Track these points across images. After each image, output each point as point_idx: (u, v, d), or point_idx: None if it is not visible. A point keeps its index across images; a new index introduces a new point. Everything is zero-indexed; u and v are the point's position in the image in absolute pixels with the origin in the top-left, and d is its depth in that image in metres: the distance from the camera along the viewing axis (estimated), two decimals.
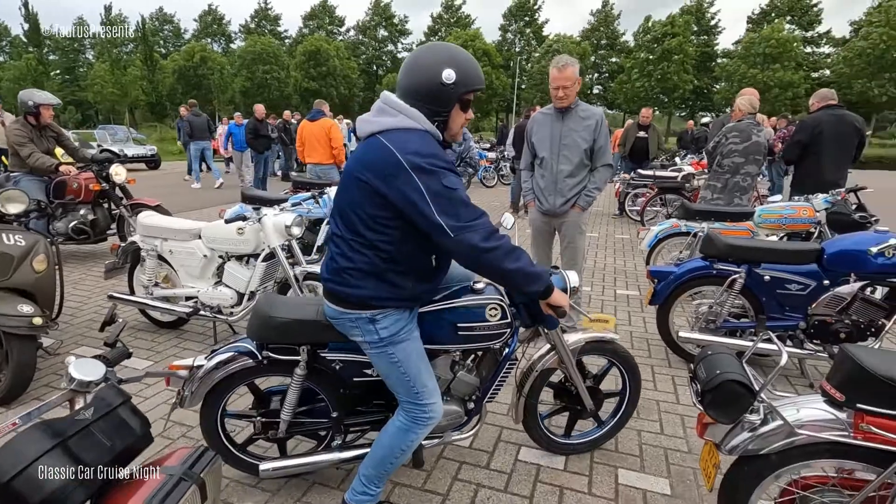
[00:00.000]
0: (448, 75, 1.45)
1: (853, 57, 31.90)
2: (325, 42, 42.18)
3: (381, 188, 1.43)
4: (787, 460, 1.46)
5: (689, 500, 2.00)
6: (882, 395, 1.30)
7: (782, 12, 38.75)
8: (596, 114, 3.09)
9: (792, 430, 1.39)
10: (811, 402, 1.46)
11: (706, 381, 1.45)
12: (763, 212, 4.02)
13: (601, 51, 45.51)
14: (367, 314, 1.57)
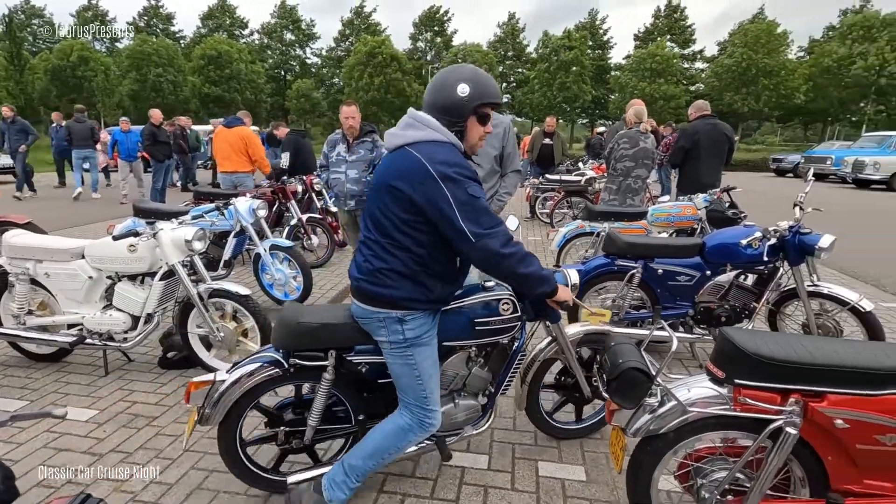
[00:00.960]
0: (462, 89, 1.62)
1: (721, 72, 36.35)
2: (226, 44, 39.85)
3: (413, 195, 1.56)
4: (682, 436, 1.61)
5: (602, 483, 2.13)
6: (753, 369, 1.48)
7: (664, 32, 43.13)
8: (503, 122, 3.21)
9: (684, 408, 1.54)
10: (699, 381, 1.62)
11: (610, 370, 1.56)
12: (654, 211, 4.43)
13: (508, 61, 47.58)
14: (397, 314, 1.66)
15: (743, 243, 2.85)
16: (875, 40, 32.44)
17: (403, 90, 40.60)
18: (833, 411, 1.44)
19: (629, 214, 4.46)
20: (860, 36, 33.29)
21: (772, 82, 34.67)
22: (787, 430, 1.44)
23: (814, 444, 1.50)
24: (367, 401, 1.95)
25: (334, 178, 4.23)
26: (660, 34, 42.87)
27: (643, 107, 4.72)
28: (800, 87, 34.94)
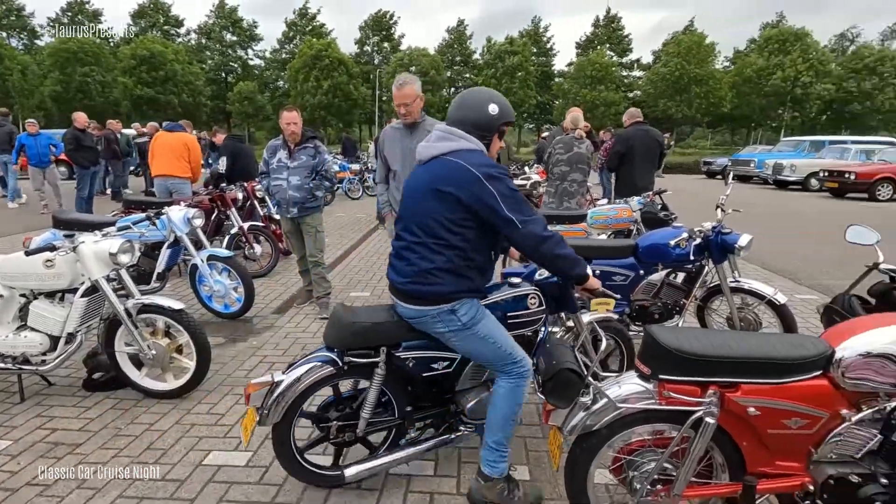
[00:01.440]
0: (493, 109, 1.87)
1: (656, 80, 38.43)
2: (160, 44, 37.84)
3: (460, 195, 1.75)
4: (615, 431, 1.68)
5: (544, 481, 2.18)
6: (675, 365, 1.57)
7: (603, 41, 45.07)
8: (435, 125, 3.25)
9: (615, 405, 1.61)
10: (628, 378, 1.70)
11: (545, 371, 1.61)
12: (594, 214, 4.61)
13: (456, 66, 48.10)
14: (447, 307, 1.82)
15: (672, 244, 3.02)
16: (789, 53, 35.36)
17: (351, 94, 40.10)
18: (746, 400, 1.55)
19: (570, 217, 4.61)
20: (776, 49, 36.17)
21: (702, 90, 37.04)
22: (707, 420, 1.54)
23: (731, 431, 1.61)
24: (412, 393, 2.07)
25: (275, 185, 4.12)
26: (599, 43, 44.77)
27: (579, 113, 4.91)
28: (726, 95, 37.52)
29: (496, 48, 40.91)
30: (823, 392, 1.55)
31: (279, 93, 46.57)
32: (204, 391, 2.94)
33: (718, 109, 38.61)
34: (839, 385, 1.55)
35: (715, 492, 1.67)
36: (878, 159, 13.79)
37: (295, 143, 4.08)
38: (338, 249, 6.83)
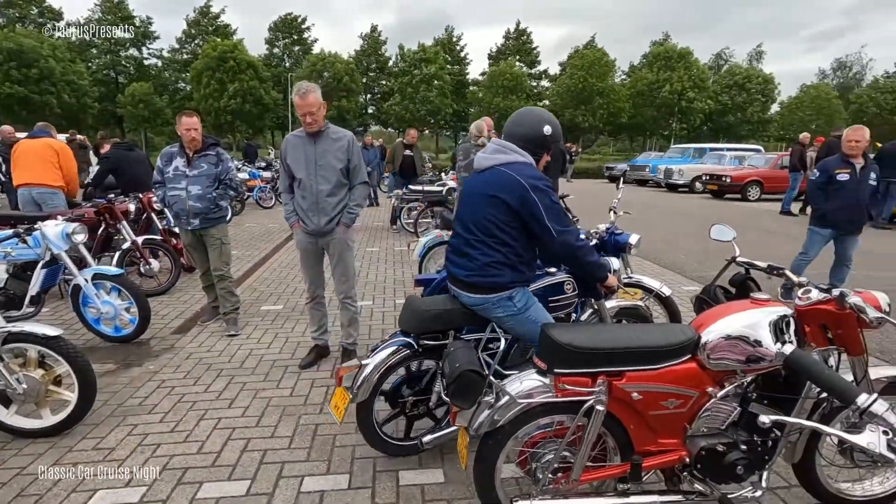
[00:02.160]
0: (547, 129, 2.13)
1: (563, 91, 40.87)
2: (32, 38, 33.60)
3: (510, 201, 2.01)
4: (518, 426, 1.76)
5: (459, 481, 2.23)
6: (568, 359, 1.68)
7: (513, 52, 47.13)
8: (346, 135, 3.24)
9: (516, 401, 1.70)
10: (528, 375, 1.79)
11: (449, 374, 1.65)
12: None
13: (372, 73, 47.80)
14: (505, 294, 2.11)
15: None
16: (675, 69, 39.30)
17: (262, 98, 38.37)
18: (630, 386, 1.71)
19: None
20: (664, 65, 40.03)
21: (603, 101, 39.99)
22: (597, 408, 1.67)
23: (619, 415, 1.76)
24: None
25: (173, 196, 3.85)
26: (510, 54, 46.77)
27: (483, 121, 5.11)
28: (624, 106, 40.82)
29: (410, 56, 41.19)
30: (693, 373, 1.75)
31: (180, 95, 43.38)
32: (89, 425, 2.66)
33: (618, 119, 41.90)
34: (705, 366, 1.75)
35: (608, 473, 1.81)
36: (747, 164, 15.72)
37: (194, 151, 3.84)
38: (247, 262, 6.50)
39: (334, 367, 3.39)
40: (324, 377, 3.28)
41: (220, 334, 4.00)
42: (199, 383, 3.18)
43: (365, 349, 3.70)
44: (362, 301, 4.84)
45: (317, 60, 40.21)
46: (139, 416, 2.77)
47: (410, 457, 2.41)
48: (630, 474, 1.77)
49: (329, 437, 2.57)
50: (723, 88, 41.46)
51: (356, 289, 3.65)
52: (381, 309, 4.66)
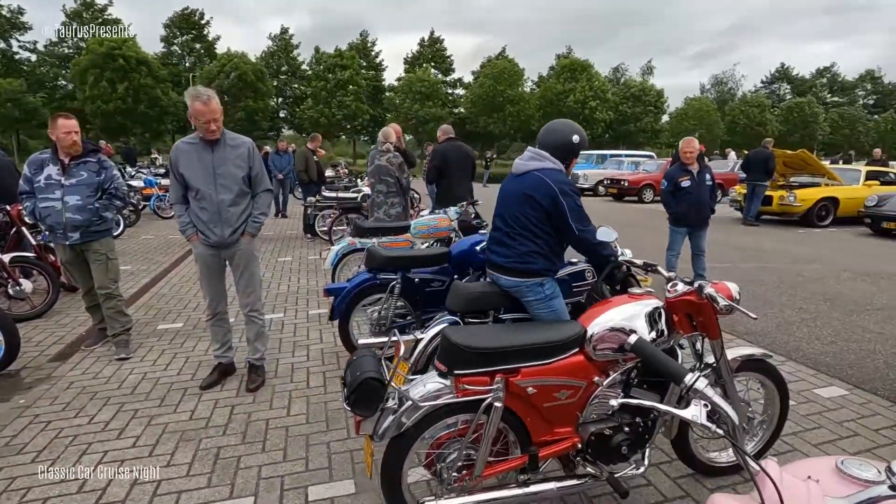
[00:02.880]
0: (575, 139, 2.47)
1: (476, 99, 42.10)
2: None
3: (542, 201, 2.35)
4: (422, 429, 1.80)
5: (371, 490, 2.22)
6: (468, 360, 1.75)
7: (428, 59, 47.74)
8: (246, 142, 3.11)
9: (418, 405, 1.73)
10: (430, 378, 1.84)
11: (349, 383, 1.65)
12: (416, 224, 4.84)
13: (283, 76, 46.05)
14: (538, 280, 2.44)
15: (478, 249, 3.35)
16: (578, 80, 42.03)
17: (158, 99, 35.44)
18: (525, 381, 1.81)
19: (394, 229, 4.78)
20: (568, 76, 42.66)
21: (515, 109, 41.72)
22: (495, 404, 1.75)
23: (517, 410, 1.86)
24: None
25: (45, 207, 3.45)
26: (425, 61, 47.33)
27: (390, 128, 5.14)
28: (534, 114, 42.87)
29: (326, 60, 40.24)
30: (581, 365, 1.89)
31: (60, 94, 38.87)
32: None
33: (529, 126, 43.91)
34: (592, 357, 1.90)
35: (508, 466, 1.90)
36: (643, 169, 17.21)
37: (71, 158, 3.47)
38: (143, 277, 5.97)
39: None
40: (228, 396, 3.11)
41: (109, 359, 3.64)
42: (82, 415, 2.87)
43: (275, 364, 3.56)
44: (272, 314, 4.65)
45: (224, 60, 37.93)
46: (4, 459, 2.45)
47: (320, 470, 2.36)
48: (529, 465, 1.88)
49: (232, 460, 2.45)
50: (621, 100, 45.04)
51: (263, 301, 3.50)
52: (293, 321, 4.51)
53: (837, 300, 5.16)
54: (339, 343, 3.87)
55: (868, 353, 3.80)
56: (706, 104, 47.18)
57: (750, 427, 2.32)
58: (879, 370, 3.49)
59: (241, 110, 37.84)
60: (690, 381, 1.18)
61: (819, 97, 52.36)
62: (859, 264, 6.83)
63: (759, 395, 2.40)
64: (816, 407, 2.99)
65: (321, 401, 3.04)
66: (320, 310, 4.80)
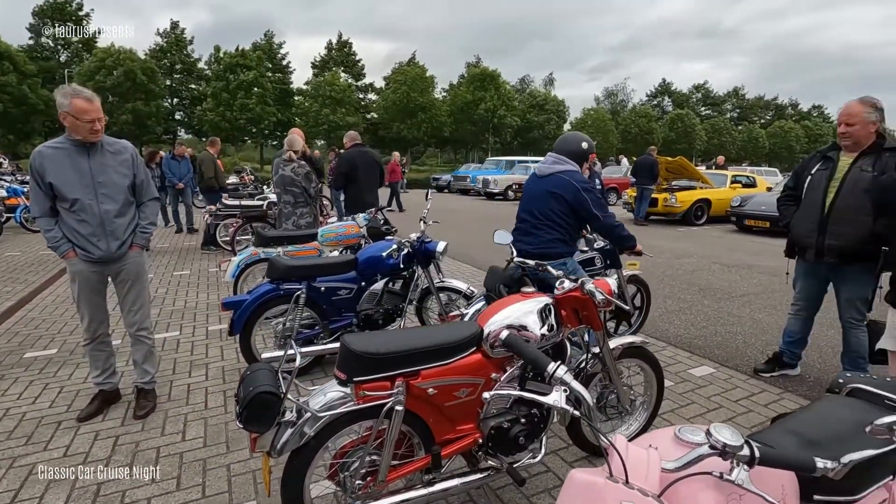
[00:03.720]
0: (584, 145, 3.07)
1: (388, 105, 42.05)
2: None
3: (566, 197, 2.93)
4: (323, 440, 1.77)
5: None
6: (367, 366, 1.75)
7: (338, 63, 46.84)
8: (128, 148, 2.86)
9: (317, 415, 1.71)
10: (330, 387, 1.82)
11: (243, 398, 1.59)
12: (324, 232, 4.74)
13: (177, 75, 42.72)
14: (561, 261, 2.92)
15: (384, 255, 3.36)
16: (487, 89, 43.59)
17: (26, 97, 31.23)
18: (426, 383, 1.85)
19: (300, 237, 4.64)
20: (478, 85, 44.09)
21: (427, 116, 42.26)
22: (396, 408, 1.77)
23: (419, 412, 1.89)
24: None
25: None
26: (335, 65, 46.39)
27: (295, 135, 5.00)
28: (446, 121, 43.74)
29: (227, 60, 37.86)
30: (479, 363, 1.98)
31: None
32: None
33: (441, 133, 44.72)
34: (489, 355, 2.00)
35: (412, 468, 1.93)
36: None
37: None
38: (7, 299, 5.22)
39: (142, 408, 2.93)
40: (112, 426, 2.82)
41: None
42: None
43: (168, 386, 3.30)
44: (166, 332, 4.30)
45: (103, 55, 34.29)
46: None
47: (218, 495, 2.23)
48: (432, 464, 1.92)
49: (115, 496, 2.23)
50: (527, 108, 47.44)
51: (153, 318, 3.23)
52: (191, 339, 4.20)
53: (708, 290, 5.86)
54: (242, 359, 3.67)
55: (731, 334, 4.36)
56: (602, 114, 51.14)
57: (633, 408, 2.57)
58: (739, 349, 4.02)
59: (129, 112, 34.48)
60: (552, 369, 1.30)
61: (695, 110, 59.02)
62: (727, 257, 7.81)
63: (639, 379, 2.66)
64: (690, 385, 3.37)
65: (221, 422, 2.87)
66: (221, 325, 4.51)
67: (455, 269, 6.81)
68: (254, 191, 9.81)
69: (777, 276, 6.44)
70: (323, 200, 10.83)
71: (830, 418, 1.28)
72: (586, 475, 0.94)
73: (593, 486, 0.90)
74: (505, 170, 20.99)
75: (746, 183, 13.04)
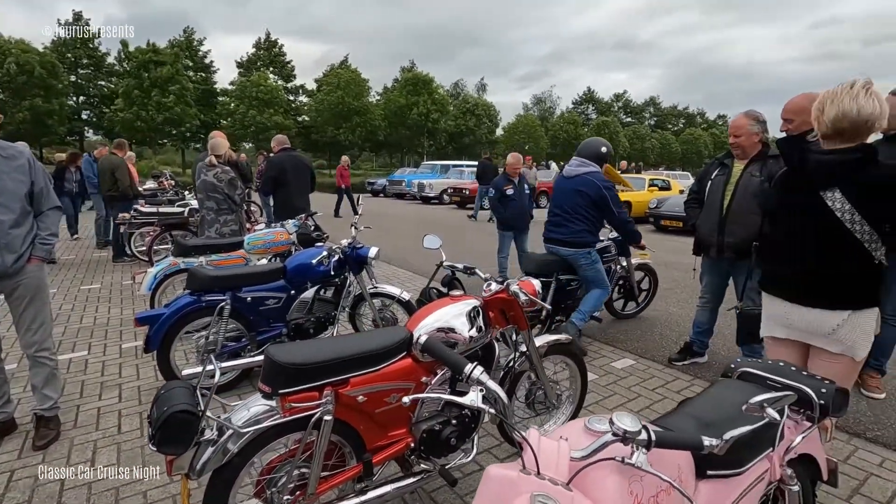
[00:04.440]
0: (603, 149, 3.88)
1: (321, 108, 41.09)
2: None
3: (591, 194, 3.72)
4: (247, 457, 1.71)
5: None
6: (293, 377, 1.71)
7: (266, 63, 45.09)
8: (24, 152, 2.61)
9: (240, 431, 1.64)
10: (254, 401, 1.76)
11: (156, 420, 1.50)
12: (250, 240, 4.56)
13: (83, 70, 39.22)
14: (587, 250, 3.83)
15: (314, 262, 3.29)
16: (421, 94, 43.81)
17: None
18: (355, 391, 1.84)
19: (225, 246, 4.43)
20: (412, 90, 44.20)
21: (362, 119, 41.73)
22: (325, 418, 1.74)
23: (349, 420, 1.88)
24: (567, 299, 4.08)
25: None
26: (263, 65, 44.61)
27: (218, 138, 4.77)
28: (380, 125, 43.42)
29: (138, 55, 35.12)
30: (409, 368, 1.99)
31: None
32: None
33: (376, 137, 44.32)
34: (419, 359, 2.02)
35: (343, 477, 1.90)
36: None
37: None
38: None
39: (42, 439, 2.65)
40: (7, 459, 2.54)
41: None
42: None
43: (74, 412, 3.02)
44: (72, 352, 3.94)
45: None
46: None
47: None
48: (364, 472, 1.91)
49: None
50: (461, 113, 48.20)
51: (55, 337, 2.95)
52: (101, 358, 3.87)
53: None
54: (160, 377, 3.44)
55: (650, 328, 4.69)
56: (532, 120, 53.02)
57: (559, 402, 2.69)
58: (656, 341, 4.33)
59: (26, 110, 31.18)
60: (469, 370, 1.34)
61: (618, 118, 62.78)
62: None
63: (566, 375, 2.80)
64: (613, 377, 3.58)
65: (137, 446, 2.67)
66: (137, 342, 4.20)
67: (390, 273, 6.78)
68: (174, 197, 9.21)
69: (689, 272, 7.00)
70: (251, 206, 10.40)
71: (721, 400, 1.43)
72: (501, 470, 0.99)
73: (508, 479, 0.95)
74: (440, 174, 21.17)
75: (662, 186, 14.06)
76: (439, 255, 2.89)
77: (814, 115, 1.86)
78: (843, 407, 1.52)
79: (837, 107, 1.76)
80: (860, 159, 1.78)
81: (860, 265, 1.84)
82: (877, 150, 1.79)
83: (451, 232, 10.93)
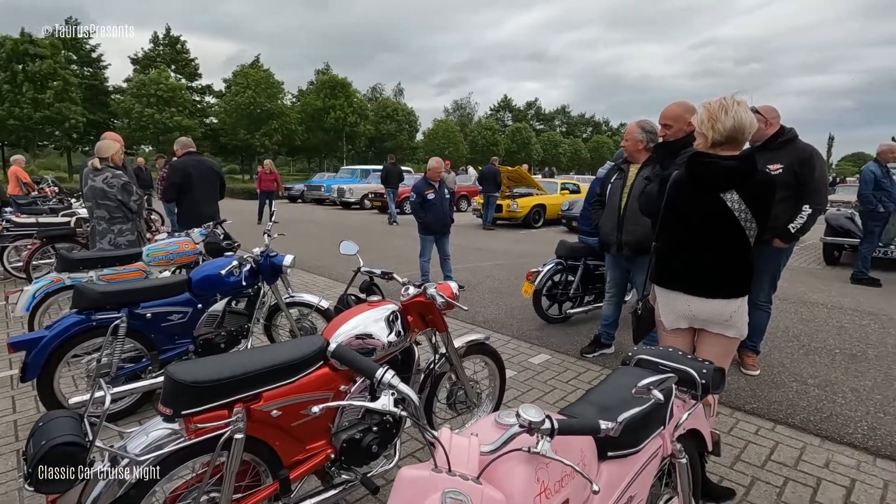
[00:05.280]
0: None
1: (231, 110, 38.84)
2: None
3: None
4: (147, 487, 1.57)
5: None
6: (197, 397, 1.60)
7: (166, 60, 41.75)
8: None
9: (137, 460, 1.51)
10: (153, 426, 1.63)
11: (32, 457, 1.33)
12: (150, 251, 4.20)
13: None
14: None
15: (223, 273, 3.11)
16: (338, 97, 42.93)
17: None
18: (268, 405, 1.76)
19: (122, 258, 4.05)
20: (328, 93, 43.18)
21: (277, 123, 40.00)
22: (236, 437, 1.65)
23: (263, 437, 1.79)
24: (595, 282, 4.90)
25: None
26: (163, 62, 41.28)
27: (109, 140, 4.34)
28: (296, 129, 41.91)
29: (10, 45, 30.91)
30: (326, 378, 1.94)
31: None
32: None
33: (293, 141, 42.72)
34: (336, 368, 1.98)
35: (258, 497, 1.81)
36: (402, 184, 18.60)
37: None
38: None
39: None
40: None
41: None
42: None
43: None
44: None
45: None
46: None
47: None
48: (281, 490, 1.83)
49: None
50: (380, 118, 47.87)
51: None
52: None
53: None
54: (42, 408, 3.06)
55: (564, 324, 4.96)
56: (451, 126, 53.97)
57: (480, 401, 2.76)
58: (570, 336, 4.59)
59: None
60: (380, 375, 1.35)
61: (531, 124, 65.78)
62: None
63: (485, 373, 2.88)
64: (530, 373, 3.74)
65: (13, 488, 2.36)
66: (12, 371, 3.70)
67: (309, 281, 6.56)
68: (57, 205, 8.24)
69: None
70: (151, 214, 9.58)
71: (618, 386, 1.55)
72: (413, 471, 1.00)
73: (420, 479, 0.96)
74: (360, 178, 20.86)
75: (573, 189, 14.95)
76: (357, 261, 2.85)
77: (705, 125, 2.08)
78: (721, 384, 1.72)
79: (733, 118, 2.00)
80: (754, 164, 2.04)
81: (748, 258, 2.11)
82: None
83: (372, 237, 10.81)
